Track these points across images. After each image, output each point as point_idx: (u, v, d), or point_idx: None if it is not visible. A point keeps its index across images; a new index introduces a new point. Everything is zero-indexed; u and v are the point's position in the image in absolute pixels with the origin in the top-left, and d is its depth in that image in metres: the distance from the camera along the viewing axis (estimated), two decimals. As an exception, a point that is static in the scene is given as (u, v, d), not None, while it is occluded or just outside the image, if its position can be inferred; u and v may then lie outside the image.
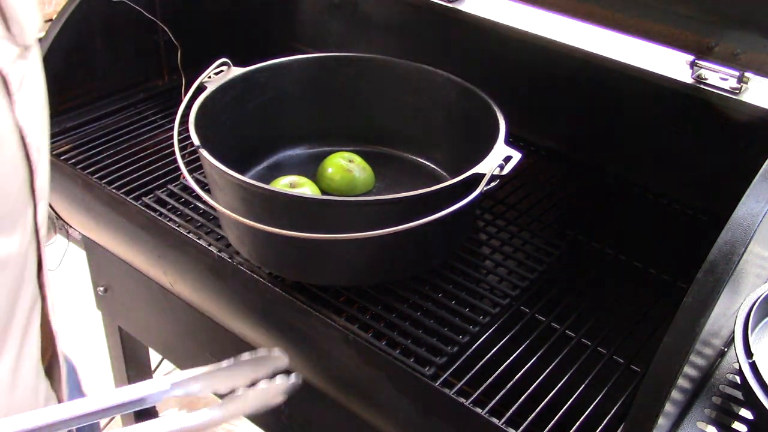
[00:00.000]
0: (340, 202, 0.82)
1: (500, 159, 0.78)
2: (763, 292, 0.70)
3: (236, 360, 0.57)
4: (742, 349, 0.66)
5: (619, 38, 0.95)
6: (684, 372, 0.59)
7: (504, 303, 0.83)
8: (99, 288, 1.18)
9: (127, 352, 1.29)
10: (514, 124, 0.86)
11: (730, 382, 0.71)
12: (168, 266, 0.96)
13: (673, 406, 0.62)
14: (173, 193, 0.98)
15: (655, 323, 0.81)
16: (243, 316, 0.91)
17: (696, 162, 0.98)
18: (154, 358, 1.42)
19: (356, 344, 0.77)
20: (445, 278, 0.86)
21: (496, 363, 0.76)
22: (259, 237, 0.81)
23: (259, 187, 0.76)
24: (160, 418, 0.55)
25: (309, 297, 0.82)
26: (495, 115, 0.86)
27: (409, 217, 0.73)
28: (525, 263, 0.89)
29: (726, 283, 0.59)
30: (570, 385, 0.74)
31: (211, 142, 0.82)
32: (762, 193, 0.63)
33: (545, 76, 1.06)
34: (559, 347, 0.79)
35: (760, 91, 0.89)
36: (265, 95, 0.97)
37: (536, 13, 1.03)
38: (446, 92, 0.95)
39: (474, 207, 0.90)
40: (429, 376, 0.74)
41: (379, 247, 0.78)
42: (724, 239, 0.61)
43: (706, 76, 0.91)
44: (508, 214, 0.98)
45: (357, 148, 1.01)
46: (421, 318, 0.81)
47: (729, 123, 0.91)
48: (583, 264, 0.91)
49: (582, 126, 1.08)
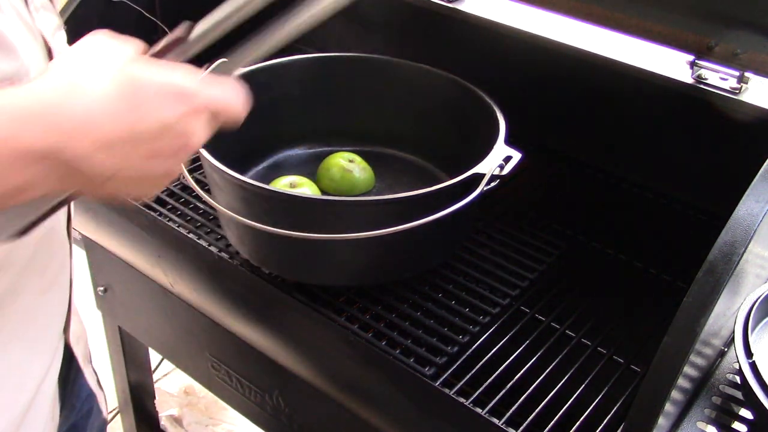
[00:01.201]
0: (340, 202, 0.82)
1: (500, 159, 0.78)
2: (763, 292, 0.70)
3: None
4: (742, 349, 0.66)
5: (619, 38, 0.95)
6: (684, 372, 0.59)
7: (504, 303, 0.83)
8: (99, 288, 1.18)
9: (127, 352, 1.29)
10: (514, 124, 0.86)
11: (730, 382, 0.71)
12: (168, 266, 0.96)
13: (673, 406, 0.62)
14: (173, 193, 0.98)
15: (655, 323, 0.80)
16: (243, 316, 0.91)
17: (696, 162, 0.98)
18: (154, 358, 1.42)
19: (356, 344, 0.77)
20: (445, 278, 0.86)
21: (496, 363, 0.76)
22: (259, 237, 0.81)
23: (259, 187, 0.76)
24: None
25: (309, 297, 0.82)
26: (495, 115, 0.86)
27: (409, 217, 0.73)
28: (525, 263, 0.89)
29: (726, 283, 0.59)
30: (570, 385, 0.74)
31: (211, 142, 0.81)
32: (762, 193, 0.63)
33: (545, 76, 1.06)
34: (559, 347, 0.79)
35: (760, 91, 0.89)
36: (265, 95, 0.96)
37: (536, 13, 1.03)
38: (446, 92, 0.95)
39: (474, 207, 0.90)
40: (429, 376, 0.74)
41: (379, 247, 0.78)
42: (724, 239, 0.61)
43: (706, 76, 0.91)
44: (508, 214, 0.98)
45: (357, 148, 1.01)
46: (421, 318, 0.81)
47: (729, 123, 0.91)
48: (583, 264, 0.91)
49: (582, 126, 1.08)
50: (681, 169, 1.00)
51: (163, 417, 1.54)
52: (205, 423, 1.65)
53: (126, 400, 1.37)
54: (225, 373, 1.01)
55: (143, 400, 1.39)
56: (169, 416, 1.62)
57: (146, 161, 0.47)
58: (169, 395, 1.69)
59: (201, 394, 1.70)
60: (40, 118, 0.43)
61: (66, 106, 0.44)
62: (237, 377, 0.99)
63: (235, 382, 1.00)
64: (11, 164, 0.43)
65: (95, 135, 0.44)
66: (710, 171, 0.97)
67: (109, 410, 1.66)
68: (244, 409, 1.03)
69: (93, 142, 0.44)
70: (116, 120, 0.45)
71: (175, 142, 0.48)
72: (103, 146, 0.45)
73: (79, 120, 0.44)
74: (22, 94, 0.44)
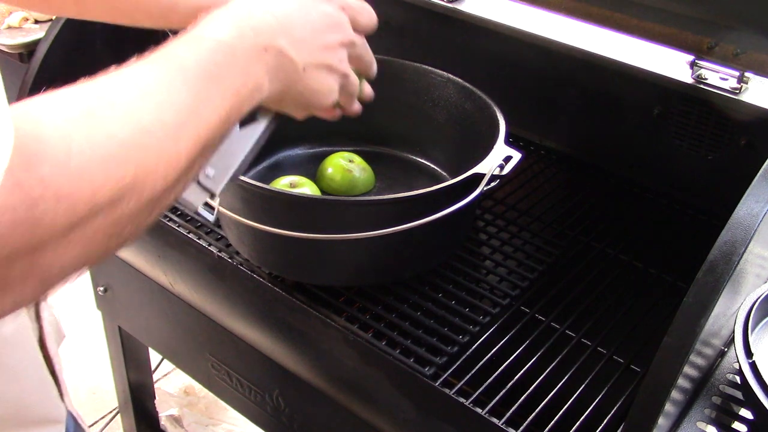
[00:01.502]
0: (340, 202, 0.82)
1: (500, 159, 0.78)
2: (763, 292, 0.70)
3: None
4: (742, 349, 0.66)
5: (619, 38, 0.95)
6: (684, 372, 0.59)
7: (504, 303, 0.83)
8: (99, 288, 1.18)
9: (127, 352, 1.29)
10: (514, 124, 0.86)
11: (730, 382, 0.71)
12: (168, 266, 0.96)
13: (673, 406, 0.62)
14: (173, 193, 0.98)
15: (655, 323, 0.81)
16: (243, 316, 0.91)
17: (696, 162, 0.98)
18: (154, 358, 1.42)
19: (356, 344, 0.77)
20: (445, 278, 0.86)
21: (496, 363, 0.76)
22: (259, 237, 0.81)
23: (259, 187, 0.76)
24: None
25: (309, 297, 0.82)
26: (495, 115, 0.86)
27: (409, 217, 0.73)
28: (525, 263, 0.89)
29: (726, 283, 0.59)
30: (570, 385, 0.74)
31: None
32: (762, 193, 0.63)
33: (545, 76, 1.06)
34: (559, 347, 0.79)
35: (760, 91, 0.89)
36: (265, 95, 0.96)
37: (536, 13, 1.03)
38: (446, 92, 0.95)
39: (474, 207, 0.90)
40: (429, 376, 0.74)
41: (379, 247, 0.78)
42: (724, 239, 0.61)
43: (706, 76, 0.91)
44: (508, 214, 0.98)
45: (357, 148, 1.01)
46: (421, 318, 0.81)
47: (729, 123, 0.91)
48: (583, 264, 0.91)
49: (582, 126, 1.08)
50: (681, 169, 1.00)
51: (163, 417, 1.54)
52: (205, 423, 1.65)
53: (126, 400, 1.37)
54: (225, 373, 1.01)
55: (143, 400, 1.39)
56: (169, 416, 1.62)
57: (323, 53, 0.60)
58: (169, 395, 1.69)
59: (201, 394, 1.70)
60: (257, 23, 0.55)
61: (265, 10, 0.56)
62: (237, 377, 0.99)
63: (235, 382, 1.00)
64: (251, 57, 0.53)
65: (289, 30, 0.57)
66: (710, 171, 0.97)
67: (110, 410, 1.67)
68: (244, 409, 1.03)
69: (290, 37, 0.57)
70: (301, 17, 0.59)
71: (336, 34, 0.62)
72: (295, 41, 0.57)
73: (278, 21, 0.56)
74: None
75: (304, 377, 0.87)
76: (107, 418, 1.67)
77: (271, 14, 0.56)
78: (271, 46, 0.55)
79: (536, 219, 0.97)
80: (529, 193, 1.02)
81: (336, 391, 0.85)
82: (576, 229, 0.96)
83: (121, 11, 0.70)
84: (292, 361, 0.88)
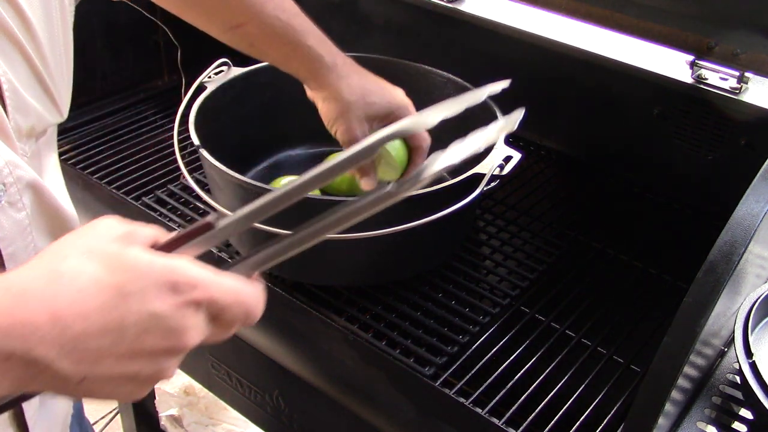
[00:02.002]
0: (340, 202, 0.81)
1: (500, 159, 0.78)
2: (763, 292, 0.70)
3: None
4: (742, 349, 0.66)
5: (619, 38, 0.95)
6: (684, 372, 0.59)
7: (504, 303, 0.83)
8: (99, 288, 1.17)
9: (127, 352, 1.29)
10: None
11: (730, 382, 0.71)
12: (168, 266, 0.96)
13: (673, 406, 0.62)
14: (173, 193, 0.98)
15: (655, 323, 0.81)
16: (243, 316, 0.91)
17: (696, 162, 0.98)
18: (154, 358, 1.41)
19: (356, 344, 0.77)
20: (445, 278, 0.86)
21: (496, 363, 0.76)
22: (259, 237, 0.81)
23: (259, 187, 0.76)
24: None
25: (309, 297, 0.82)
26: (495, 115, 0.86)
27: (409, 217, 0.73)
28: (525, 263, 0.89)
29: (726, 283, 0.59)
30: (570, 385, 0.74)
31: (211, 142, 0.82)
32: (762, 193, 0.62)
33: (545, 76, 1.06)
34: (559, 347, 0.79)
35: (760, 91, 0.89)
36: (265, 95, 0.96)
37: (536, 13, 1.03)
38: (446, 92, 0.95)
39: (474, 207, 0.90)
40: (429, 376, 0.74)
41: (379, 247, 0.78)
42: (724, 239, 0.61)
43: (706, 76, 0.91)
44: (508, 214, 0.98)
45: (357, 148, 1.01)
46: (421, 318, 0.81)
47: (729, 123, 0.91)
48: (583, 264, 0.91)
49: (582, 126, 1.08)
50: (681, 170, 1.00)
51: (163, 417, 1.53)
52: (205, 423, 1.64)
53: (126, 400, 1.36)
54: (225, 373, 1.01)
55: (143, 400, 1.39)
56: (169, 416, 1.62)
57: (125, 362, 0.40)
58: (169, 395, 1.68)
59: (201, 394, 1.69)
60: (9, 311, 0.38)
61: (40, 299, 0.39)
62: (237, 377, 0.99)
63: (235, 382, 1.00)
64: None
65: (67, 334, 0.38)
66: (710, 171, 0.97)
67: (110, 410, 1.67)
68: (244, 409, 1.02)
69: (64, 342, 0.38)
70: (97, 313, 0.39)
71: (162, 342, 0.40)
72: (75, 347, 0.39)
73: (50, 315, 0.38)
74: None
75: (304, 377, 0.87)
76: (107, 418, 1.67)
77: (49, 314, 0.38)
78: (16, 355, 0.38)
79: (536, 219, 0.97)
80: (529, 193, 1.02)
81: (336, 391, 0.85)
82: (576, 229, 0.96)
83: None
84: (292, 361, 0.88)
